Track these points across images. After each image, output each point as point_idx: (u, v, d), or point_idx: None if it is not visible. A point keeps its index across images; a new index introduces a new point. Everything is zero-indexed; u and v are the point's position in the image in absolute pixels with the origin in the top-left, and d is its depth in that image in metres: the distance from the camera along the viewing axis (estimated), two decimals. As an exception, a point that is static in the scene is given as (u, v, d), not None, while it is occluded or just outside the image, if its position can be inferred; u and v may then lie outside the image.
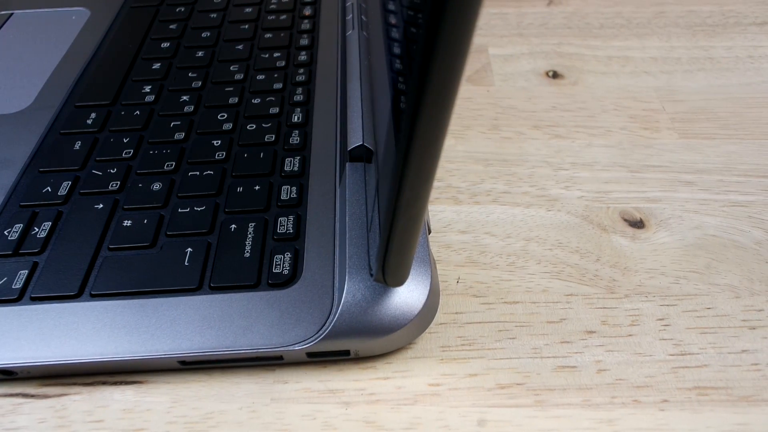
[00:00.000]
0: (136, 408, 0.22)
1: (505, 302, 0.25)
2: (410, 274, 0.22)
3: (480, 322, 0.25)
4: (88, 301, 0.24)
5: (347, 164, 0.27)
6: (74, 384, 0.23)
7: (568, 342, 0.24)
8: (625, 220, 0.29)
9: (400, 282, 0.20)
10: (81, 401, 0.22)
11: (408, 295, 0.22)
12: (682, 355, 0.23)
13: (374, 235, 0.20)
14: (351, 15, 0.36)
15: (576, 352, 0.24)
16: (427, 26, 0.12)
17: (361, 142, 0.27)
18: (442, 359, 0.24)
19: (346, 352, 0.23)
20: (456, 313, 0.25)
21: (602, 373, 0.23)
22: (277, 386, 0.23)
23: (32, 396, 0.23)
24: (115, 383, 0.23)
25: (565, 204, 0.30)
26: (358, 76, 0.31)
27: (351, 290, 0.22)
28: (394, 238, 0.17)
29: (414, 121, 0.14)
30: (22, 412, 0.22)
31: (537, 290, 0.26)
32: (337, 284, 0.24)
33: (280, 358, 0.23)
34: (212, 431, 0.22)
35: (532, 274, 0.27)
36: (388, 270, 0.19)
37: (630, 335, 0.24)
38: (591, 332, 0.24)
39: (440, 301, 0.25)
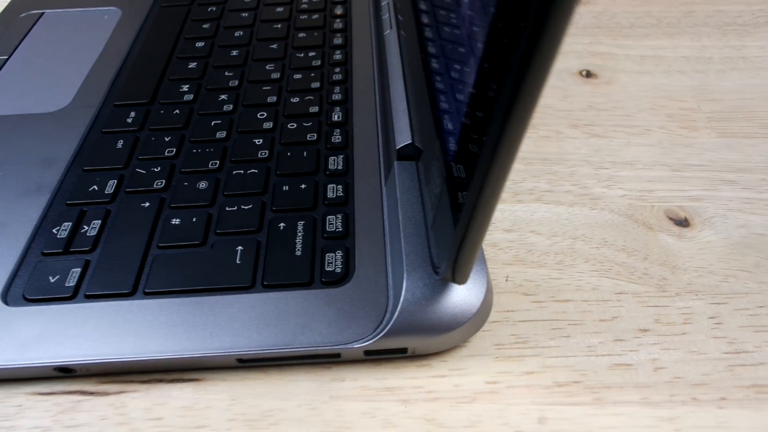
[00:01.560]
0: (196, 405, 0.22)
1: (556, 300, 0.25)
2: (468, 272, 0.22)
3: (532, 321, 0.25)
4: (141, 299, 0.24)
5: (395, 163, 0.27)
6: (131, 381, 0.23)
7: (622, 340, 0.24)
8: (670, 218, 0.29)
9: (465, 279, 0.20)
10: (140, 398, 0.23)
11: (466, 293, 0.22)
12: (737, 353, 0.23)
13: (436, 233, 0.20)
14: (387, 14, 0.36)
15: (631, 350, 0.24)
16: (528, 36, 0.12)
17: (410, 141, 0.27)
18: (497, 357, 0.24)
19: (404, 350, 0.23)
20: (507, 311, 0.25)
21: (659, 371, 0.23)
22: (334, 384, 0.23)
23: (90, 393, 0.23)
24: (171, 381, 0.23)
25: (608, 203, 0.30)
26: (400, 75, 0.31)
27: (410, 288, 0.22)
28: (469, 236, 0.17)
29: (503, 127, 0.14)
30: (81, 409, 0.22)
31: (587, 288, 0.26)
32: (390, 282, 0.24)
33: (338, 356, 0.23)
34: (273, 429, 0.22)
35: (581, 273, 0.27)
36: (458, 268, 0.19)
37: (684, 333, 0.24)
38: (644, 330, 0.24)
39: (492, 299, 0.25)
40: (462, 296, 0.22)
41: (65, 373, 0.23)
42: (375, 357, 0.23)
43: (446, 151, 0.19)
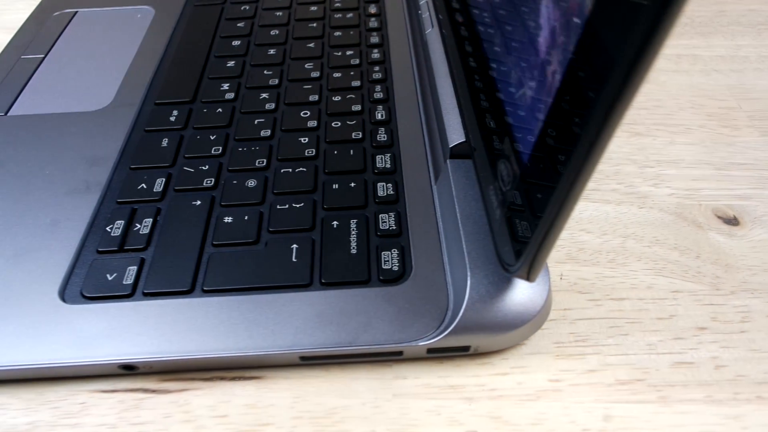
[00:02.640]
0: (259, 403, 0.22)
1: (612, 299, 0.25)
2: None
3: (590, 319, 0.25)
4: (200, 296, 0.24)
5: (448, 161, 0.27)
6: (193, 379, 0.23)
7: (681, 338, 0.24)
8: (719, 217, 0.29)
9: (536, 277, 0.20)
10: (203, 396, 0.23)
11: (530, 291, 0.22)
12: (798, 351, 0.23)
13: (506, 230, 0.20)
14: (426, 13, 0.36)
15: (691, 348, 0.24)
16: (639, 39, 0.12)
17: (463, 140, 0.27)
18: (557, 355, 0.24)
19: (466, 348, 0.23)
20: (564, 309, 0.25)
21: (721, 369, 0.23)
22: (397, 382, 0.23)
23: (153, 391, 0.23)
24: (233, 379, 0.23)
25: (656, 201, 0.30)
26: (446, 74, 0.31)
27: (474, 286, 0.22)
28: (550, 234, 0.17)
29: (598, 133, 0.14)
30: (145, 407, 0.22)
31: (642, 287, 0.26)
32: (449, 279, 0.24)
33: (400, 353, 0.23)
34: (338, 426, 0.22)
35: (635, 271, 0.27)
36: (535, 265, 0.19)
37: (742, 332, 0.24)
38: (702, 329, 0.24)
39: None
40: (526, 294, 0.22)
41: (128, 370, 0.23)
42: (437, 355, 0.23)
43: (518, 150, 0.19)
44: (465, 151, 0.27)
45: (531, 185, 0.18)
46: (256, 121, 0.33)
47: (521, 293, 0.22)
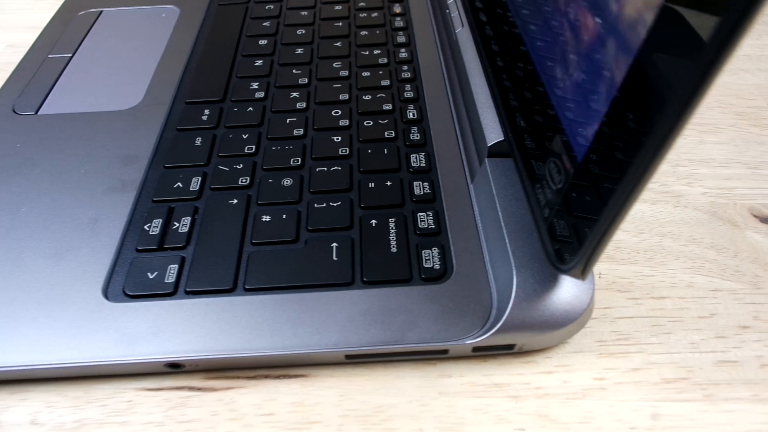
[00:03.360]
0: (305, 401, 0.22)
1: (652, 297, 0.25)
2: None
3: (631, 317, 0.25)
4: (243, 295, 0.24)
5: (486, 160, 0.27)
6: (237, 377, 0.23)
7: (723, 337, 0.24)
8: (755, 216, 0.29)
9: (588, 275, 0.20)
10: (249, 394, 0.23)
11: (576, 289, 0.22)
12: (841, 350, 0.23)
13: (556, 228, 0.20)
14: (456, 12, 0.36)
15: (734, 347, 0.24)
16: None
17: (501, 138, 0.27)
18: (600, 354, 0.24)
19: (511, 347, 0.23)
20: (605, 308, 0.25)
21: (766, 368, 0.23)
22: (442, 380, 0.23)
23: (198, 389, 0.23)
24: (278, 377, 0.23)
25: (690, 200, 0.30)
26: (480, 72, 0.31)
27: (521, 284, 0.22)
28: (609, 233, 0.17)
29: (669, 131, 0.14)
30: (191, 405, 0.22)
31: (681, 285, 0.26)
32: (491, 278, 0.24)
33: (445, 352, 0.23)
34: (386, 424, 0.22)
35: (673, 270, 0.27)
36: (590, 263, 0.19)
37: (785, 330, 0.24)
38: (745, 327, 0.24)
39: (591, 296, 0.25)
40: (572, 292, 0.22)
41: (174, 368, 0.23)
42: (481, 353, 0.23)
43: (571, 149, 0.19)
44: (504, 150, 0.27)
45: (586, 184, 0.18)
46: (287, 120, 0.33)
47: (567, 291, 0.22)
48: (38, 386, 0.23)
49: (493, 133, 0.27)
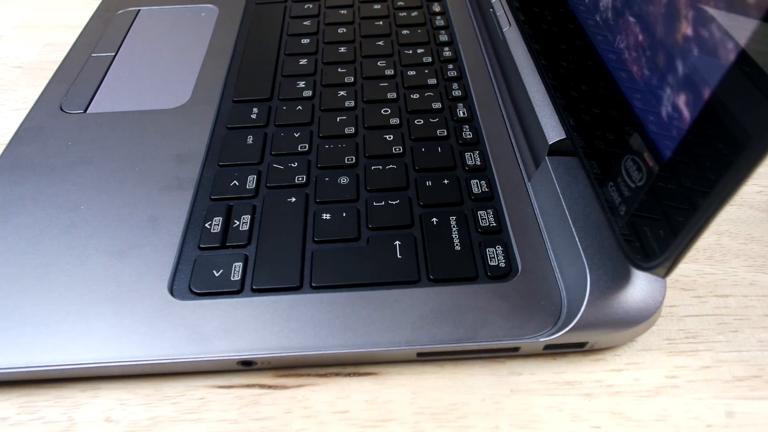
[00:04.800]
0: (378, 399, 0.22)
1: (716, 296, 0.25)
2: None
3: (697, 315, 0.25)
4: (309, 293, 0.24)
5: (547, 158, 0.27)
6: (308, 375, 0.23)
7: (791, 335, 0.24)
8: (812, 214, 0.29)
9: (671, 273, 0.20)
10: (321, 392, 0.23)
11: (649, 287, 0.22)
12: None
13: (636, 227, 0.20)
14: (501, 11, 0.36)
15: (803, 345, 0.24)
16: None
17: (563, 137, 0.27)
18: (670, 352, 0.24)
19: (582, 345, 0.23)
20: (671, 306, 0.25)
21: (837, 365, 0.23)
22: (512, 378, 0.23)
23: (270, 387, 0.23)
24: (348, 375, 0.23)
25: (746, 199, 0.30)
26: (534, 71, 0.31)
27: (595, 282, 0.22)
28: (700, 233, 0.17)
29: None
30: (264, 402, 0.22)
31: (744, 284, 0.26)
32: (558, 275, 0.24)
33: (516, 350, 0.23)
34: (461, 422, 0.22)
35: (734, 268, 0.27)
36: (677, 262, 0.19)
37: None
38: (812, 325, 0.24)
39: (656, 294, 0.25)
40: (645, 290, 0.22)
41: (246, 366, 0.23)
42: (552, 351, 0.23)
43: (655, 148, 0.19)
44: (565, 149, 0.27)
45: (675, 182, 0.18)
46: (338, 119, 0.33)
47: (641, 289, 0.22)
48: (109, 384, 0.23)
49: (553, 131, 0.27)
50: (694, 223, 0.17)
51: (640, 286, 0.22)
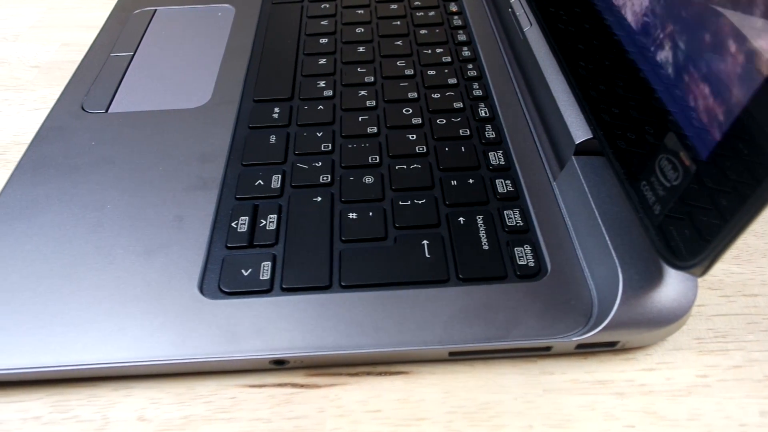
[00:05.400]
0: (410, 398, 0.22)
1: (744, 295, 0.25)
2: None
3: (726, 315, 0.25)
4: (339, 292, 0.24)
5: (573, 158, 0.27)
6: (339, 374, 0.23)
7: (821, 334, 0.24)
8: (836, 214, 0.29)
9: (707, 273, 0.20)
10: (353, 391, 0.23)
11: (681, 286, 0.22)
12: None
13: (666, 227, 0.20)
14: (521, 11, 0.36)
15: (833, 345, 0.24)
16: None
17: (590, 136, 0.27)
18: (700, 351, 0.24)
19: (613, 344, 0.23)
20: (699, 305, 0.25)
21: None
22: (544, 377, 0.23)
23: (301, 386, 0.23)
24: (379, 374, 0.23)
25: (769, 198, 0.30)
26: (557, 70, 0.31)
27: (627, 281, 0.22)
28: (740, 232, 0.17)
29: None
30: (296, 401, 0.22)
31: (771, 283, 0.26)
32: (588, 275, 0.24)
33: (548, 349, 0.23)
34: (494, 421, 0.22)
35: (762, 268, 0.27)
36: (715, 262, 0.19)
37: None
38: (841, 325, 0.24)
39: (684, 293, 0.25)
40: (678, 289, 0.22)
41: (278, 365, 0.23)
42: (583, 350, 0.23)
43: (693, 146, 0.19)
44: (593, 148, 0.27)
45: (714, 181, 0.18)
46: (360, 118, 0.33)
47: (673, 288, 0.22)
48: (140, 383, 0.23)
49: (579, 131, 0.27)
50: (735, 222, 0.17)
51: (672, 285, 0.22)
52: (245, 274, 0.25)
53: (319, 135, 0.32)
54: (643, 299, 0.22)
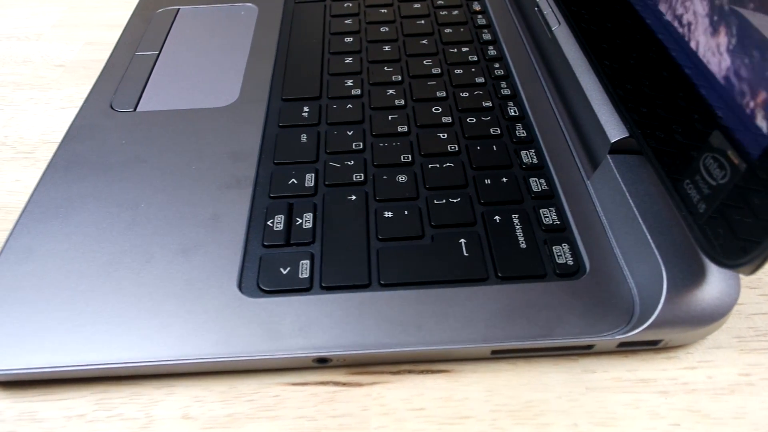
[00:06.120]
0: (453, 396, 0.22)
1: (783, 294, 0.25)
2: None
3: (766, 314, 0.25)
4: (379, 290, 0.24)
5: (608, 156, 0.27)
6: (381, 372, 0.23)
7: None
8: None
9: (758, 271, 0.20)
10: (395, 389, 0.23)
11: (724, 285, 0.22)
12: None
13: (713, 226, 0.20)
14: (549, 10, 0.36)
15: None
16: None
17: (626, 135, 0.27)
18: (741, 350, 0.24)
19: (656, 342, 0.23)
20: (738, 304, 0.25)
21: None
22: (586, 375, 0.23)
23: (344, 384, 0.23)
24: (421, 372, 0.23)
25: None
26: (588, 70, 0.31)
27: (671, 280, 0.22)
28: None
29: None
30: (339, 399, 0.22)
31: (809, 282, 0.26)
32: (627, 273, 0.24)
33: (590, 347, 0.23)
34: (539, 419, 0.22)
35: (798, 266, 0.26)
36: (765, 261, 0.19)
37: None
38: None
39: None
40: (721, 287, 0.22)
41: (321, 363, 0.23)
42: (625, 349, 0.23)
43: (742, 144, 0.19)
44: (629, 147, 0.27)
45: (765, 180, 0.18)
46: (389, 117, 0.33)
47: (717, 287, 0.22)
48: (182, 381, 0.23)
49: (615, 129, 0.27)
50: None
51: (715, 283, 0.22)
52: (284, 272, 0.25)
53: (350, 134, 0.32)
54: (687, 298, 0.22)
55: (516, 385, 0.23)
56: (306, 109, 0.33)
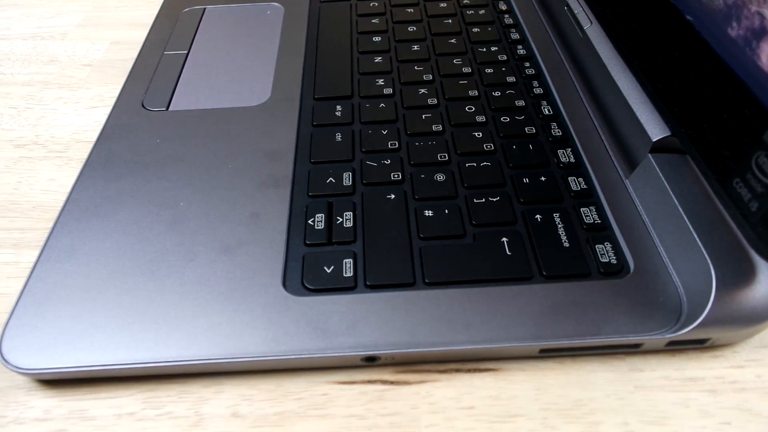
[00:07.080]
0: (502, 395, 0.22)
1: (825, 293, 0.25)
2: None
3: (809, 312, 0.25)
4: (424, 289, 0.24)
5: (649, 156, 0.27)
6: (429, 371, 0.23)
7: None
8: None
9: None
10: (444, 388, 0.23)
11: (772, 284, 0.22)
12: None
13: (760, 224, 0.20)
14: (579, 9, 0.36)
15: None
16: None
17: (667, 134, 0.27)
18: (787, 348, 0.24)
19: (703, 341, 0.23)
20: (782, 303, 0.25)
21: None
22: (634, 374, 0.23)
23: (392, 383, 0.23)
24: (469, 371, 0.23)
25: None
26: (623, 69, 0.31)
27: (720, 279, 0.22)
28: None
29: None
30: (388, 398, 0.22)
31: None
32: (673, 272, 0.24)
33: (638, 346, 0.23)
34: (589, 418, 0.22)
35: (839, 265, 0.26)
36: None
37: None
38: None
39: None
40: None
41: (369, 362, 0.23)
42: (672, 347, 0.23)
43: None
44: (671, 145, 0.27)
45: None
46: (423, 116, 0.33)
47: (765, 286, 0.22)
48: (230, 379, 0.23)
49: (656, 128, 0.27)
50: None
51: (764, 282, 0.22)
52: (328, 271, 0.25)
53: (385, 133, 0.32)
54: (736, 296, 0.22)
55: (564, 383, 0.23)
56: (339, 108, 0.33)
